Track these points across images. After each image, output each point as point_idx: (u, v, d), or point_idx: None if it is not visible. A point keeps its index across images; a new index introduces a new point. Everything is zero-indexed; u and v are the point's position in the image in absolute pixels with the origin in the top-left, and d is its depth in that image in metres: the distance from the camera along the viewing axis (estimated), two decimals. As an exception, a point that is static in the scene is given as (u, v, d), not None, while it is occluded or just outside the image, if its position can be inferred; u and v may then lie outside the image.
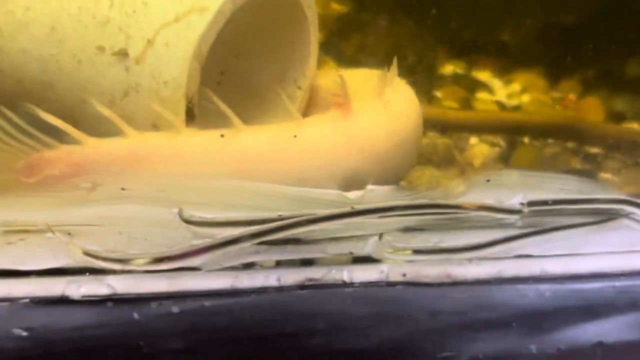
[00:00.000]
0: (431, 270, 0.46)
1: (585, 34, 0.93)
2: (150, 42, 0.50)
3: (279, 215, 0.50)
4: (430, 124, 0.74)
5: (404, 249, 0.52)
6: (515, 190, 0.51)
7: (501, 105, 0.88)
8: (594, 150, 0.77)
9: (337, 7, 1.17)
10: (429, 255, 0.51)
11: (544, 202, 0.53)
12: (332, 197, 0.51)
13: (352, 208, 0.52)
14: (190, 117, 0.51)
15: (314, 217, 0.50)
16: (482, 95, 0.92)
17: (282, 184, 0.49)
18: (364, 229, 0.52)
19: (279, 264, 0.46)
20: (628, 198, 0.55)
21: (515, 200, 0.53)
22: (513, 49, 0.95)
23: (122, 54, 0.52)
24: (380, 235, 0.52)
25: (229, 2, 0.50)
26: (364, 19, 0.93)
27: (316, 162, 0.52)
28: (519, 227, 0.54)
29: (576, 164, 0.76)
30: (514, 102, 0.90)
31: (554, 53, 0.95)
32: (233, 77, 0.63)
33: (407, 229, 0.52)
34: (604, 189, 0.54)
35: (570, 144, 0.75)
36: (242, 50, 0.63)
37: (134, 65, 0.51)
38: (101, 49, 0.51)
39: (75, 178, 0.49)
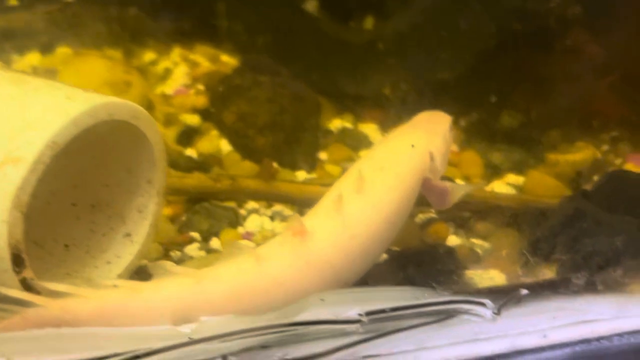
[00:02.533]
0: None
1: (461, 88, 0.98)
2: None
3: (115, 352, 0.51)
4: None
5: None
6: (352, 305, 0.55)
7: None
8: (465, 214, 0.82)
9: (226, 60, 1.19)
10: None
11: (382, 311, 0.56)
12: (166, 333, 0.52)
13: (190, 338, 0.54)
14: (18, 264, 0.50)
15: (150, 350, 0.51)
16: (365, 153, 0.95)
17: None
18: (205, 355, 0.54)
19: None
20: (463, 298, 0.59)
21: (352, 312, 0.56)
22: (395, 103, 0.98)
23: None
24: (224, 357, 0.54)
25: (47, 149, 0.49)
26: (247, 82, 0.94)
27: (279, 291, 0.53)
28: (363, 333, 0.57)
29: (449, 230, 0.80)
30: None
31: (433, 106, 1.00)
32: (87, 196, 0.63)
33: (249, 349, 0.54)
34: (439, 294, 0.57)
35: (431, 214, 0.79)
36: (92, 169, 0.61)
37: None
38: None
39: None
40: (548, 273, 0.74)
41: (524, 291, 0.57)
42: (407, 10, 0.96)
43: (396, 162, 0.64)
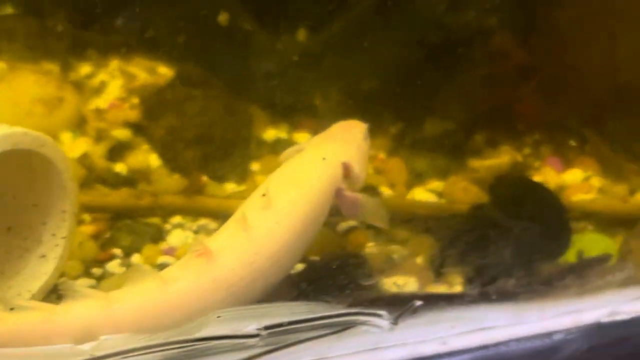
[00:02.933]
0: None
1: (387, 98, 1.01)
2: None
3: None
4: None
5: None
6: (251, 320, 0.57)
7: None
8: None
9: (164, 72, 1.19)
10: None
11: (280, 325, 0.59)
12: (68, 351, 0.55)
13: (91, 355, 0.56)
14: None
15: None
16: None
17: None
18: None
19: None
20: (359, 310, 0.62)
21: (250, 327, 0.58)
22: (326, 112, 1.01)
23: None
24: None
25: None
26: (178, 96, 0.96)
27: (185, 312, 0.54)
28: (263, 346, 0.60)
29: (368, 238, 0.84)
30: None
31: (360, 114, 1.03)
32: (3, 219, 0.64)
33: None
34: (334, 307, 0.60)
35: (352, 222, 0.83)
36: (6, 195, 0.63)
37: None
38: None
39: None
40: (456, 279, 0.79)
41: (418, 302, 0.61)
42: (337, 23, 0.99)
43: (304, 175, 0.66)
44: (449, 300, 0.59)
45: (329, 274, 0.66)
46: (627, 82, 0.94)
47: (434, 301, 0.60)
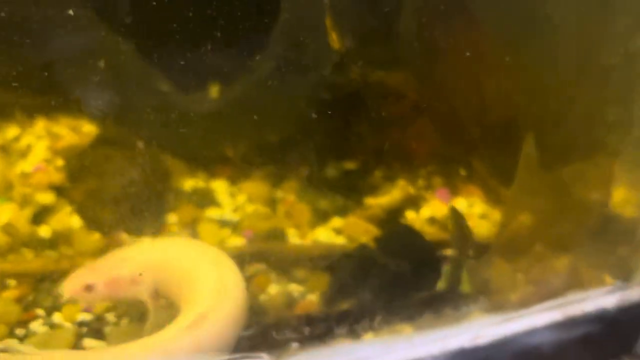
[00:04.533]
0: None
1: (291, 148, 1.11)
2: None
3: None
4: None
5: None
6: None
7: (226, 223, 1.03)
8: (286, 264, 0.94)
9: (88, 130, 1.25)
10: None
11: None
12: None
13: None
14: None
15: None
16: (212, 211, 1.06)
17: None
18: None
19: None
20: (240, 355, 0.71)
21: None
22: (237, 161, 1.10)
23: None
24: None
25: None
26: (98, 158, 1.03)
27: None
28: None
29: (270, 279, 0.92)
30: (239, 215, 1.06)
31: (270, 163, 1.13)
32: None
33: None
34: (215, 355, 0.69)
35: (259, 266, 0.92)
36: None
37: None
38: None
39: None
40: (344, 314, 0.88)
41: (295, 344, 0.70)
42: (242, 83, 1.10)
43: None
44: (320, 338, 0.69)
45: None
46: (495, 119, 1.07)
47: (308, 340, 0.70)
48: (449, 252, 0.95)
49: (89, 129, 1.24)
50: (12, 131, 1.22)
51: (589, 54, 0.96)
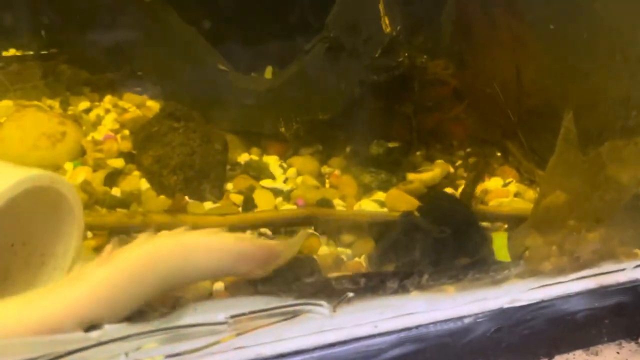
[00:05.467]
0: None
1: (339, 126, 1.17)
2: None
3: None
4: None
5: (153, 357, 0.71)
6: (219, 311, 0.72)
7: (279, 192, 1.09)
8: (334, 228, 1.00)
9: (151, 105, 1.34)
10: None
11: (243, 314, 0.74)
12: (75, 338, 0.69)
13: (98, 341, 0.71)
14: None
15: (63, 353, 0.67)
16: (266, 182, 1.12)
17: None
18: (111, 352, 0.71)
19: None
20: (304, 301, 0.77)
21: (220, 316, 0.74)
22: (289, 138, 1.16)
23: None
24: (126, 354, 0.71)
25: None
26: (163, 128, 1.10)
27: None
28: (230, 332, 0.75)
29: (321, 242, 0.99)
30: (290, 185, 1.12)
31: (319, 141, 1.20)
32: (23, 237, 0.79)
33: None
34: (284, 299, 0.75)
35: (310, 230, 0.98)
36: (26, 218, 0.77)
37: None
38: None
39: None
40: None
41: (350, 294, 0.76)
42: (295, 64, 1.16)
43: None
44: (374, 290, 0.75)
45: (285, 275, 0.82)
46: (533, 105, 1.12)
47: (363, 292, 0.76)
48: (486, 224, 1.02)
49: (152, 104, 1.33)
50: (83, 104, 1.32)
51: (623, 42, 1.01)
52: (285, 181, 1.11)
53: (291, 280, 0.78)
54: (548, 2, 1.10)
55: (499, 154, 1.23)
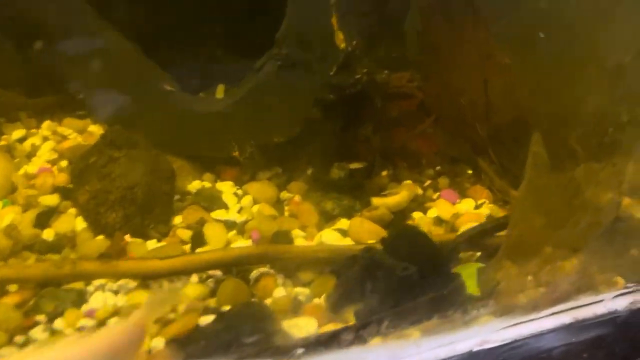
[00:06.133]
0: None
1: (296, 149, 1.09)
2: None
3: None
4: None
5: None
6: None
7: (232, 224, 0.99)
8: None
9: (94, 130, 1.24)
10: None
11: None
12: None
13: None
14: None
15: None
16: (218, 213, 1.02)
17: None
18: None
19: None
20: None
21: None
22: (244, 162, 1.08)
23: None
24: None
25: None
26: (102, 159, 1.01)
27: None
28: None
29: (277, 282, 0.92)
30: (245, 216, 1.04)
31: (276, 164, 1.12)
32: None
33: None
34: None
35: (264, 269, 0.91)
36: None
37: None
38: None
39: None
40: (350, 317, 0.87)
41: (300, 350, 0.69)
42: (246, 82, 1.08)
43: None
44: (326, 344, 0.68)
45: (230, 327, 0.75)
46: (500, 121, 1.05)
47: (313, 346, 0.69)
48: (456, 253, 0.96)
49: (95, 128, 1.23)
50: (17, 132, 1.21)
51: (599, 53, 0.96)
52: (239, 211, 1.02)
53: (231, 340, 0.72)
54: (517, 12, 1.05)
55: (470, 171, 1.20)
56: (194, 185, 1.08)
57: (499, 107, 1.05)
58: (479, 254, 0.94)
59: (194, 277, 0.87)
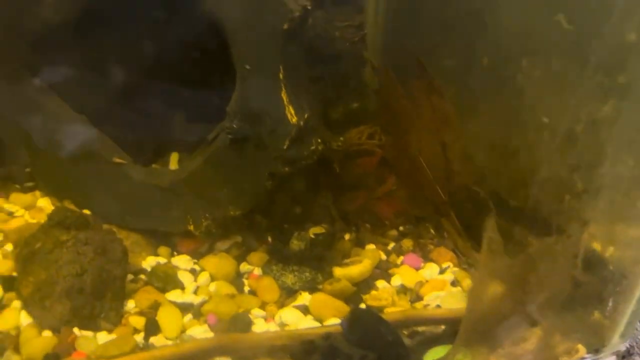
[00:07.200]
0: None
1: (252, 221, 1.07)
2: None
3: None
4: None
5: None
6: None
7: (188, 307, 0.95)
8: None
9: (43, 205, 1.17)
10: None
11: None
12: None
13: None
14: None
15: None
16: (173, 294, 0.97)
17: None
18: None
19: None
20: None
21: None
22: (199, 236, 1.04)
23: None
24: None
25: None
26: (48, 244, 0.97)
27: None
28: None
29: None
30: (202, 296, 1.00)
31: (233, 237, 1.09)
32: None
33: None
34: None
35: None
36: None
37: None
38: None
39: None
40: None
41: None
42: (199, 154, 1.04)
43: None
44: None
45: None
46: (459, 181, 1.05)
47: None
48: (418, 328, 0.94)
49: (44, 203, 1.14)
50: (-43, 211, 1.17)
51: (553, 118, 0.95)
52: (195, 290, 0.98)
53: None
54: (470, 76, 1.05)
55: (432, 231, 1.19)
56: (149, 262, 1.03)
57: (458, 170, 1.05)
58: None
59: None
